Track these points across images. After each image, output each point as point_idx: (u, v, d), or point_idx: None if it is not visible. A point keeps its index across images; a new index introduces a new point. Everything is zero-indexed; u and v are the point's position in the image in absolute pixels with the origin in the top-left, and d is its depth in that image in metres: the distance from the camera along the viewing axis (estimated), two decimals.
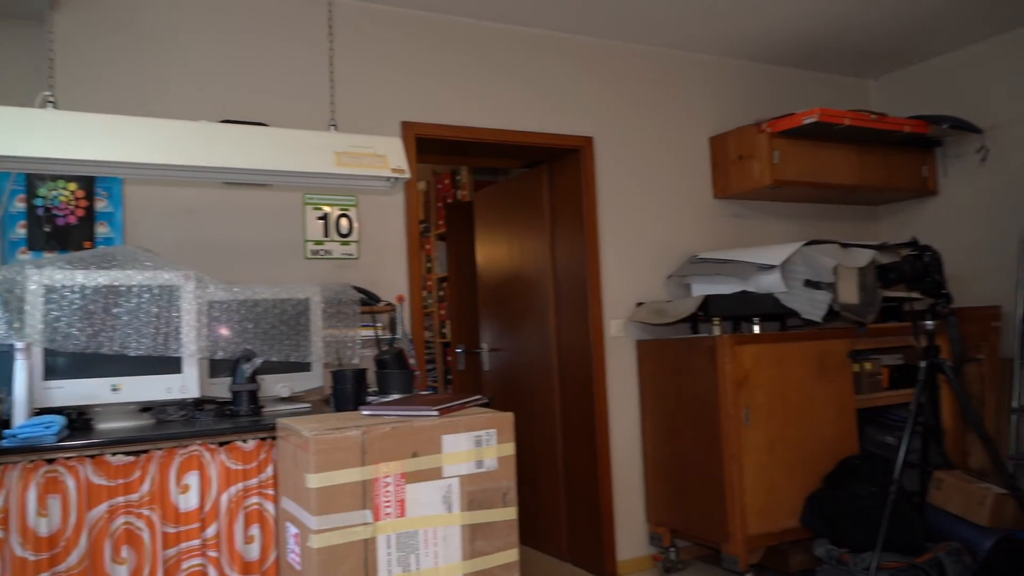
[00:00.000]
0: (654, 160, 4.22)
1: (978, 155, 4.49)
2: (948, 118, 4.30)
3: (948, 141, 4.62)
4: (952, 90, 4.60)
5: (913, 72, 4.84)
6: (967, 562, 3.31)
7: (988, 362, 4.27)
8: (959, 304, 4.47)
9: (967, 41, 4.46)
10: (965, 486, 3.67)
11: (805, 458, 3.66)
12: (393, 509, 1.90)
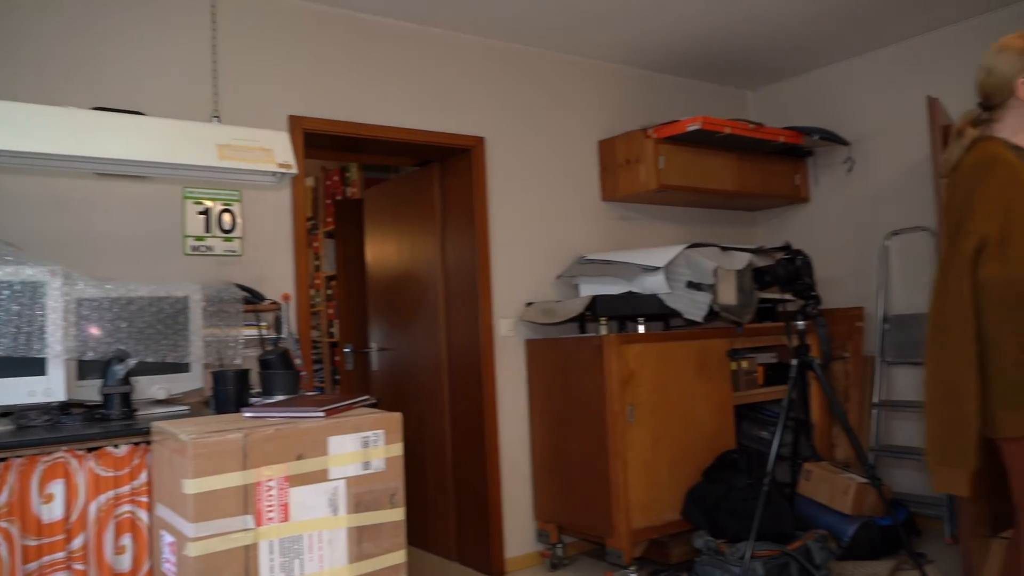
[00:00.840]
0: (544, 162, 4.28)
1: (845, 166, 4.78)
2: (819, 130, 4.56)
3: (819, 152, 4.90)
4: (823, 103, 4.88)
5: (788, 85, 5.10)
6: (832, 548, 3.51)
7: (853, 360, 4.56)
8: (827, 305, 4.75)
9: (836, 58, 4.75)
10: (831, 477, 3.90)
11: (686, 453, 3.80)
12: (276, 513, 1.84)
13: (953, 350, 1.97)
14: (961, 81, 4.10)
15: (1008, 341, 1.88)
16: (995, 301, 1.90)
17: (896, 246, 4.52)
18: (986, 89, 2.09)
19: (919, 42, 4.42)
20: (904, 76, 4.49)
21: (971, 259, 1.94)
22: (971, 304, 1.94)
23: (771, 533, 3.41)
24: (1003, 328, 1.89)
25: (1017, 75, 2.01)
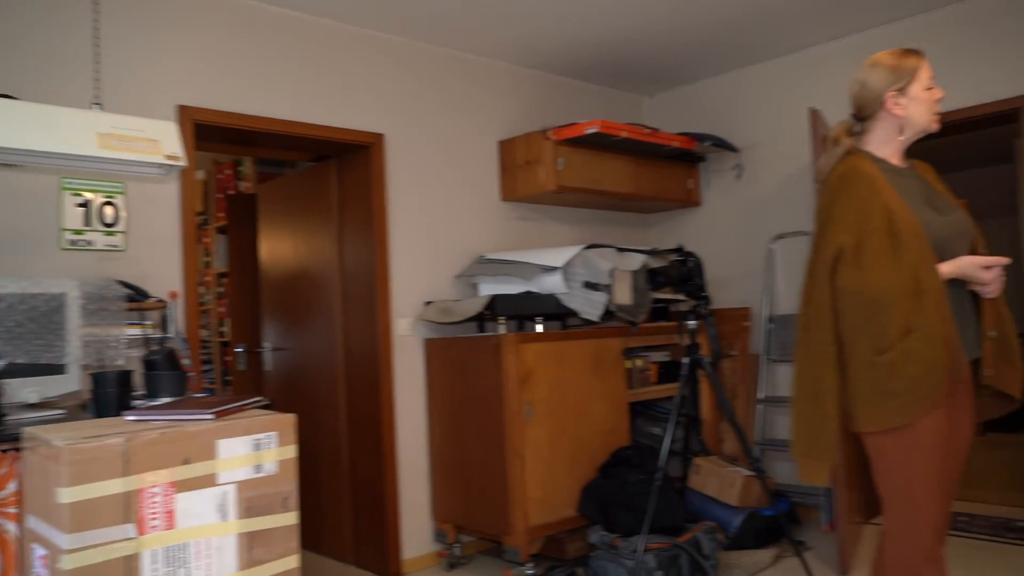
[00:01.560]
0: (445, 160, 4.27)
1: (734, 172, 4.98)
2: (710, 136, 4.72)
3: (710, 157, 5.08)
4: (714, 111, 5.07)
5: (682, 92, 5.26)
6: (720, 539, 3.65)
7: (740, 358, 4.75)
8: (717, 305, 4.92)
9: (727, 68, 4.93)
10: (719, 470, 4.05)
11: (583, 450, 3.86)
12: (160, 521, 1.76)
13: (815, 351, 2.09)
14: (840, 93, 4.33)
15: (862, 344, 2.00)
16: (850, 306, 2.02)
17: (780, 249, 4.74)
18: (859, 101, 2.22)
19: (803, 56, 4.65)
20: (789, 88, 4.71)
21: (830, 267, 2.06)
22: (830, 309, 2.06)
23: (663, 526, 3.51)
24: (857, 332, 2.01)
25: (886, 89, 2.14)
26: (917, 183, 2.19)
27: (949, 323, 1.97)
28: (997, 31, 3.92)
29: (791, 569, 3.63)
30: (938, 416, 1.97)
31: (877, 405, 1.98)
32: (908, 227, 2.00)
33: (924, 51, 2.21)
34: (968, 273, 2.02)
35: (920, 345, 1.93)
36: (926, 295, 1.94)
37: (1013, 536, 4.00)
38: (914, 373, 1.93)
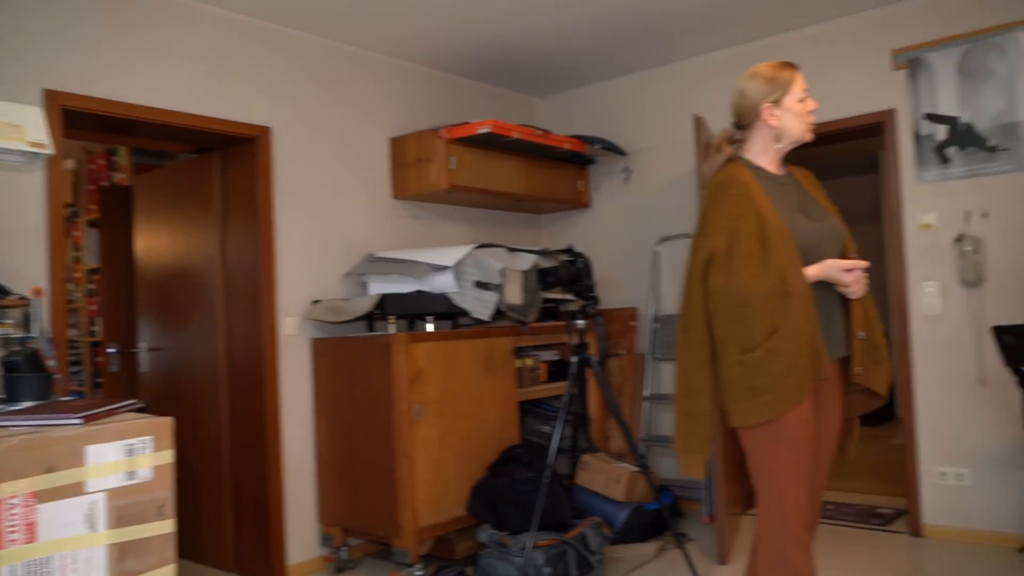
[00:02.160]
0: (335, 156, 4.18)
1: (623, 175, 5.10)
2: (600, 140, 4.82)
3: (600, 160, 5.18)
4: (605, 115, 5.17)
5: (574, 95, 5.35)
6: (606, 534, 3.73)
7: (627, 357, 4.87)
8: (605, 305, 5.03)
9: (617, 74, 5.05)
10: (606, 467, 4.14)
11: (473, 450, 3.86)
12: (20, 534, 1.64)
13: (691, 350, 2.19)
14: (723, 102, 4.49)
15: (731, 343, 2.11)
16: (720, 308, 2.13)
17: (666, 251, 4.90)
18: (738, 110, 2.32)
19: (689, 64, 4.81)
20: (675, 95, 4.86)
21: (702, 270, 2.17)
22: (704, 310, 2.17)
23: (551, 523, 3.56)
24: (727, 332, 2.12)
25: (763, 100, 2.25)
26: (793, 190, 2.30)
27: (813, 323, 2.08)
28: (866, 49, 4.18)
29: (673, 561, 3.75)
30: (804, 411, 2.08)
31: (746, 401, 2.08)
32: (777, 233, 2.10)
33: (800, 65, 2.32)
34: (831, 275, 2.14)
35: (784, 345, 2.03)
36: (792, 297, 2.05)
37: (877, 522, 4.28)
38: (779, 371, 2.04)
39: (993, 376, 3.77)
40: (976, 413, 3.85)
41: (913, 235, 4.04)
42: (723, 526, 3.71)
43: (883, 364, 2.27)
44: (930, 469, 3.99)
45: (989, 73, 3.81)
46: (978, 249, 3.82)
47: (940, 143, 3.94)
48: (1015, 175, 3.75)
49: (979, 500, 3.85)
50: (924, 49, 3.98)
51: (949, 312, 3.94)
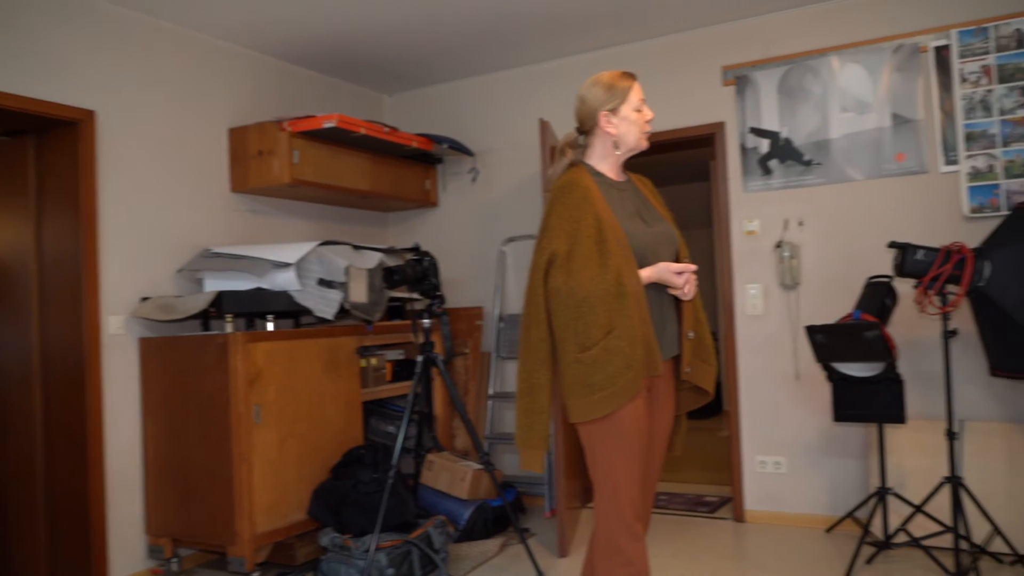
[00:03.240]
0: (168, 145, 3.94)
1: (470, 175, 5.14)
2: (448, 139, 4.83)
3: (448, 160, 5.19)
4: (453, 115, 5.19)
5: (423, 93, 5.33)
6: (450, 532, 3.74)
7: (472, 356, 4.91)
8: (451, 305, 5.05)
9: (467, 74, 5.08)
10: (451, 465, 4.15)
11: (314, 452, 3.76)
12: None
13: (532, 348, 2.26)
14: (568, 107, 4.63)
15: (569, 342, 2.19)
16: (560, 307, 2.20)
17: (511, 252, 4.98)
18: (580, 116, 2.39)
19: (536, 69, 4.91)
20: (523, 98, 4.95)
21: (544, 270, 2.24)
22: (545, 309, 2.24)
23: (396, 524, 3.53)
24: (566, 330, 2.19)
25: (601, 107, 2.33)
26: (631, 196, 2.40)
27: (647, 323, 2.18)
28: (699, 65, 4.42)
29: (516, 556, 3.81)
30: (638, 406, 2.18)
31: (583, 398, 2.15)
32: (615, 236, 2.19)
33: (639, 75, 2.41)
34: (663, 277, 2.25)
35: (620, 343, 2.12)
36: (627, 298, 2.14)
37: (704, 510, 4.54)
38: (615, 368, 2.12)
39: (807, 371, 4.10)
40: (792, 406, 4.18)
41: (739, 240, 4.33)
42: (563, 520, 3.81)
43: (710, 363, 2.41)
44: (752, 459, 4.28)
45: (805, 93, 4.14)
46: (795, 254, 4.15)
47: (763, 155, 4.24)
48: (827, 187, 4.10)
49: (794, 486, 4.18)
50: (750, 68, 4.27)
51: (770, 312, 4.24)
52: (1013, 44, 3.70)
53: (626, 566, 2.17)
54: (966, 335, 3.59)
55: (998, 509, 3.49)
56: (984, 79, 3.75)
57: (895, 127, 3.94)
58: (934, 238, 3.60)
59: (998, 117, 3.72)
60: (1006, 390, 3.70)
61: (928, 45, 3.87)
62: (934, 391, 3.76)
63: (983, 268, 3.19)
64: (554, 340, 2.23)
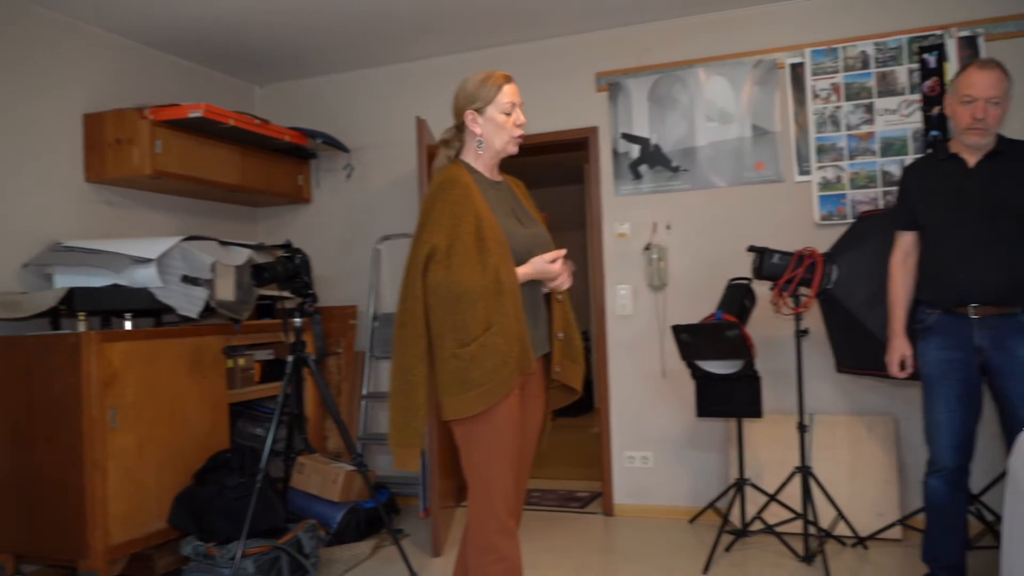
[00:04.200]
0: (11, 130, 3.65)
1: (345, 171, 5.04)
2: (322, 134, 4.72)
3: (322, 155, 5.08)
4: (328, 109, 5.07)
5: (297, 86, 5.18)
6: (321, 535, 3.66)
7: (346, 355, 4.82)
8: (324, 303, 4.94)
9: (343, 68, 4.98)
10: (322, 467, 4.06)
11: (176, 457, 3.58)
12: None
13: (408, 344, 2.23)
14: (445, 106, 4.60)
15: (447, 337, 2.18)
16: (439, 303, 2.19)
17: (386, 250, 4.92)
18: (454, 113, 2.40)
19: (413, 66, 4.88)
20: (399, 94, 4.90)
21: (422, 265, 2.22)
22: (422, 304, 2.22)
23: (264, 529, 3.41)
24: (444, 326, 2.19)
25: (467, 107, 2.34)
26: (507, 196, 2.42)
27: (522, 321, 2.21)
28: (574, 70, 4.52)
29: (389, 557, 3.77)
30: (511, 403, 2.20)
31: (459, 395, 2.16)
32: (494, 234, 2.21)
33: (514, 77, 2.43)
34: (540, 270, 2.29)
35: (498, 340, 2.14)
36: (505, 295, 2.16)
37: (575, 505, 4.65)
38: (491, 365, 2.14)
39: (673, 369, 4.28)
40: (659, 402, 4.34)
41: (610, 243, 4.45)
42: (437, 519, 3.81)
43: (579, 362, 2.47)
44: (621, 454, 4.42)
45: (674, 102, 4.32)
46: (663, 257, 4.31)
47: (634, 161, 4.38)
48: (693, 193, 4.28)
49: (660, 479, 4.34)
50: (622, 75, 4.41)
51: (638, 312, 4.39)
52: (859, 65, 3.99)
53: (499, 562, 2.20)
54: (816, 334, 3.85)
55: (842, 495, 3.76)
56: (833, 96, 4.03)
57: (755, 138, 4.17)
58: (789, 243, 3.84)
59: (845, 132, 4.01)
60: (850, 385, 3.99)
61: (785, 62, 4.12)
62: (787, 387, 4.00)
63: (831, 272, 3.42)
64: (431, 336, 2.22)
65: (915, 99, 3.89)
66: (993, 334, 2.74)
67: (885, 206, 3.87)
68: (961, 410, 2.82)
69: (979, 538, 3.46)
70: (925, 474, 2.93)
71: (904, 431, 3.87)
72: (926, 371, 2.90)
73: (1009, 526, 2.19)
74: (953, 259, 2.79)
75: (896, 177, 3.86)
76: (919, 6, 3.92)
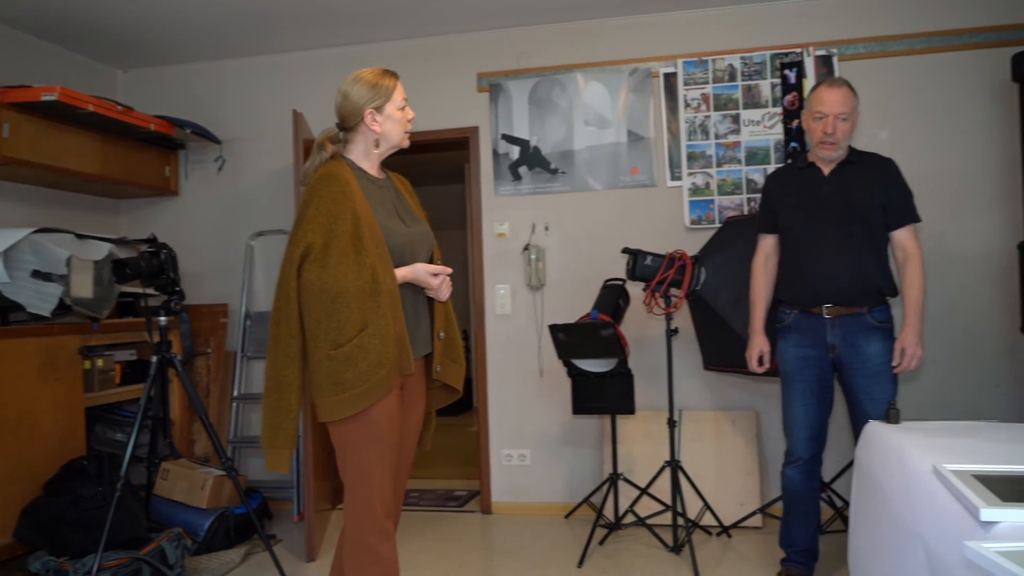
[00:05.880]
0: None
1: (216, 163, 4.84)
2: (192, 124, 4.52)
3: (191, 146, 4.85)
4: (198, 98, 4.85)
5: (164, 72, 4.93)
6: (187, 544, 3.50)
7: (215, 355, 4.63)
8: (192, 301, 4.71)
9: (215, 56, 4.77)
10: (189, 473, 3.88)
11: (24, 466, 3.34)
12: None
13: (282, 344, 2.18)
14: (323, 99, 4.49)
15: (321, 338, 2.14)
16: (313, 302, 2.15)
17: (260, 246, 4.76)
18: (341, 113, 2.34)
19: (290, 58, 4.74)
20: (275, 86, 4.75)
21: (297, 264, 2.17)
22: (296, 304, 2.17)
23: (124, 540, 3.23)
24: (319, 326, 2.15)
25: (366, 105, 2.30)
26: (390, 194, 2.39)
27: (400, 322, 2.20)
28: (456, 69, 4.52)
29: (261, 564, 3.65)
30: (390, 404, 2.18)
31: (333, 396, 2.12)
32: (372, 233, 2.18)
33: (399, 74, 2.41)
34: (420, 278, 2.28)
35: (374, 341, 2.12)
36: (382, 295, 2.14)
37: (454, 504, 4.65)
38: (366, 366, 2.11)
39: (550, 368, 4.35)
40: (537, 400, 4.41)
41: (490, 242, 4.48)
42: (311, 523, 3.72)
43: (460, 363, 2.48)
44: (499, 452, 4.46)
45: (553, 105, 4.39)
46: (541, 257, 4.38)
47: (514, 162, 4.43)
48: (570, 195, 4.37)
49: (537, 476, 4.41)
50: (503, 76, 4.45)
51: (517, 312, 4.44)
52: (726, 77, 4.19)
53: (375, 565, 2.17)
54: (685, 333, 4.01)
55: (708, 487, 3.94)
56: (703, 106, 4.21)
57: (630, 143, 4.30)
58: (661, 246, 3.98)
59: (714, 140, 4.20)
60: (716, 381, 4.18)
61: (659, 71, 4.27)
62: (658, 384, 4.14)
63: (700, 274, 3.58)
64: (305, 336, 2.17)
65: (777, 112, 4.13)
66: (844, 332, 2.94)
67: (749, 212, 4.09)
68: (815, 404, 3.01)
69: (830, 523, 3.71)
70: (783, 464, 3.11)
71: (764, 424, 4.09)
72: (784, 368, 3.07)
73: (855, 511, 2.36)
74: (808, 262, 2.97)
75: (759, 185, 4.07)
76: (782, 24, 4.16)
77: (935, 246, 3.85)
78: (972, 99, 3.95)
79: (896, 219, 2.95)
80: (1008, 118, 3.86)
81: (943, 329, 3.93)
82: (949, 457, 1.78)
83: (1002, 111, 3.90)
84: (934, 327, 3.86)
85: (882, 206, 2.93)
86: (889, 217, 2.94)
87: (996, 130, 3.92)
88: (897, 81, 4.02)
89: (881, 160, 3.02)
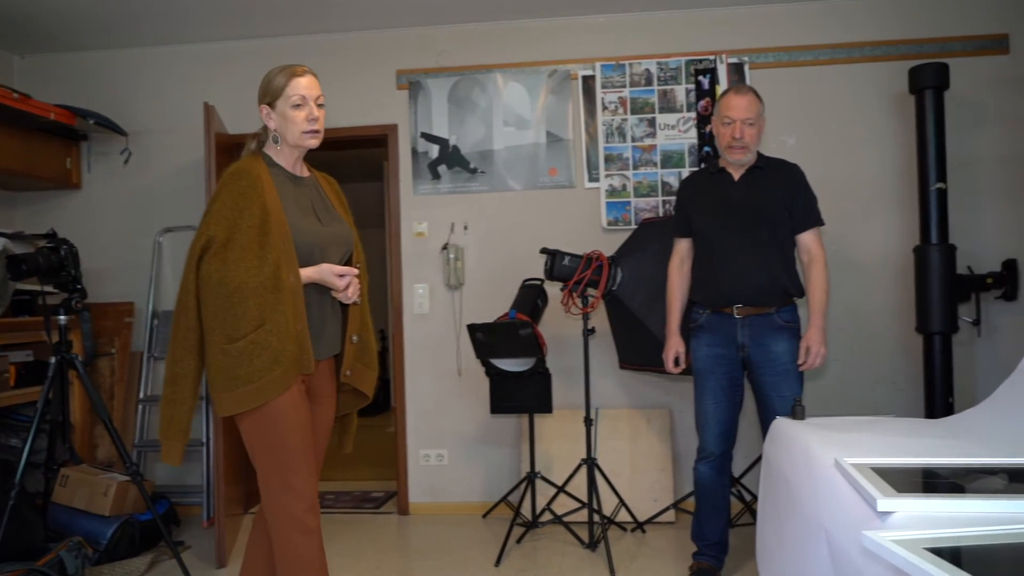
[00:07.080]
0: None
1: (122, 156, 4.64)
2: (95, 114, 4.33)
3: (95, 137, 4.64)
4: (103, 87, 4.64)
5: (66, 59, 4.70)
6: (88, 553, 3.35)
7: (120, 356, 4.45)
8: (96, 300, 4.51)
9: (121, 44, 4.58)
10: (90, 479, 3.72)
11: None
12: None
13: (180, 336, 2.16)
14: (237, 92, 4.37)
15: (218, 332, 2.11)
16: (211, 296, 2.12)
17: (169, 243, 4.59)
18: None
19: (202, 48, 4.59)
20: (185, 78, 4.60)
21: (198, 256, 2.14)
22: (195, 296, 2.15)
23: (19, 551, 3.07)
24: (215, 320, 2.12)
25: (261, 100, 2.27)
26: (309, 192, 2.34)
27: (302, 321, 2.16)
28: (374, 65, 4.47)
29: (168, 571, 3.53)
30: (293, 398, 2.14)
31: (227, 391, 2.10)
32: (279, 230, 2.14)
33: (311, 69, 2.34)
34: (325, 279, 2.23)
35: (270, 338, 2.09)
36: (283, 293, 2.11)
37: (370, 506, 4.59)
38: (262, 364, 2.09)
39: (468, 368, 4.35)
40: (455, 400, 4.40)
41: (408, 241, 4.45)
42: (222, 528, 3.61)
43: (372, 367, 2.45)
44: (416, 452, 4.43)
45: (473, 105, 4.39)
46: (460, 256, 4.37)
47: (433, 160, 4.41)
48: (489, 195, 4.38)
49: (455, 476, 4.40)
50: (423, 74, 4.42)
51: (435, 311, 4.42)
52: (643, 81, 4.27)
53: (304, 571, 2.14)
54: (602, 333, 4.07)
55: (623, 484, 4.01)
56: (620, 109, 4.29)
57: (549, 144, 4.34)
58: (579, 246, 4.02)
59: (631, 143, 4.28)
60: (631, 380, 4.26)
61: (578, 73, 4.32)
62: (576, 383, 4.20)
63: (616, 274, 3.64)
64: (203, 329, 2.14)
65: (691, 116, 4.23)
66: (753, 332, 3.04)
67: (664, 214, 4.18)
68: (726, 401, 3.10)
69: (739, 516, 3.83)
70: (695, 460, 3.20)
71: (678, 422, 4.19)
72: (697, 366, 3.16)
73: (763, 504, 2.45)
74: (719, 263, 3.06)
75: (674, 187, 4.17)
76: (697, 32, 4.27)
77: (838, 249, 4.02)
78: (873, 109, 4.15)
79: (801, 222, 3.07)
80: (905, 127, 4.07)
81: (845, 328, 4.11)
82: (850, 451, 1.86)
83: (900, 121, 4.11)
84: (837, 326, 4.04)
85: (788, 210, 3.04)
86: (795, 220, 3.06)
87: (895, 139, 4.13)
88: (804, 90, 4.19)
89: (788, 166, 3.13)
